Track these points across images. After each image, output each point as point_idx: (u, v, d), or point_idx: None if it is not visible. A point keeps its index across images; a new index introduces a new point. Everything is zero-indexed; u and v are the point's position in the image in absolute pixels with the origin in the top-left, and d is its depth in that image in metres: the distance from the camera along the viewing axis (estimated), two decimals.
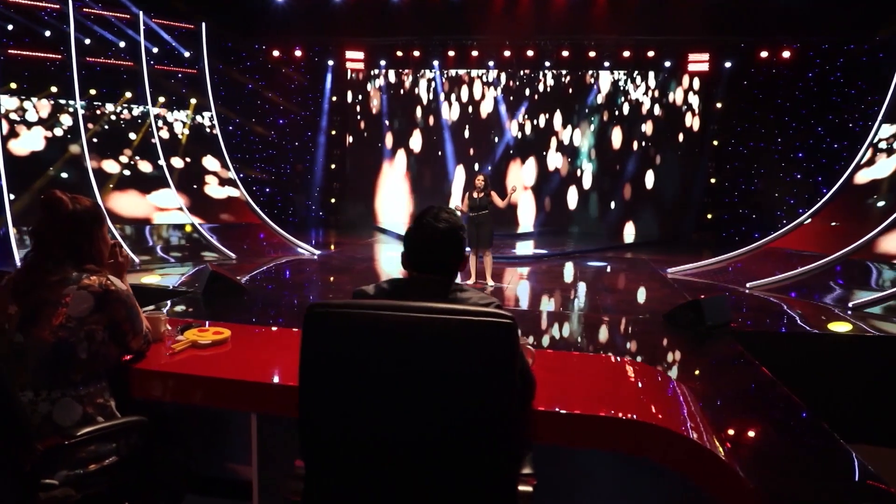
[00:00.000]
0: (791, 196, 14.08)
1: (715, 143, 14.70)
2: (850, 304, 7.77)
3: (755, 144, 14.20)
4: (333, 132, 16.03)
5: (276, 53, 15.17)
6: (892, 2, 11.16)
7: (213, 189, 12.85)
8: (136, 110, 12.53)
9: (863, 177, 11.32)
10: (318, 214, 16.18)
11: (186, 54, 13.61)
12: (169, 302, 6.90)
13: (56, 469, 1.89)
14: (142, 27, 12.61)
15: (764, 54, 13.45)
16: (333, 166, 16.12)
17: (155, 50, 13.06)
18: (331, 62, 15.40)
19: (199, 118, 13.47)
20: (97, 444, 1.97)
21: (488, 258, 8.65)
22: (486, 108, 15.58)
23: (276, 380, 2.18)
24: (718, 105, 14.51)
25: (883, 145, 11.42)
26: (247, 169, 14.91)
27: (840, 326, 6.62)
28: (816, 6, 12.12)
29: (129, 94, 12.70)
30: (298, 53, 15.17)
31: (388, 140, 16.00)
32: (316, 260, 10.88)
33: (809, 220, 11.29)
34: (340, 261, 10.88)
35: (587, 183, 15.47)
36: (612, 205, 15.37)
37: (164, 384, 2.23)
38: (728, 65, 13.88)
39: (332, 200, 16.14)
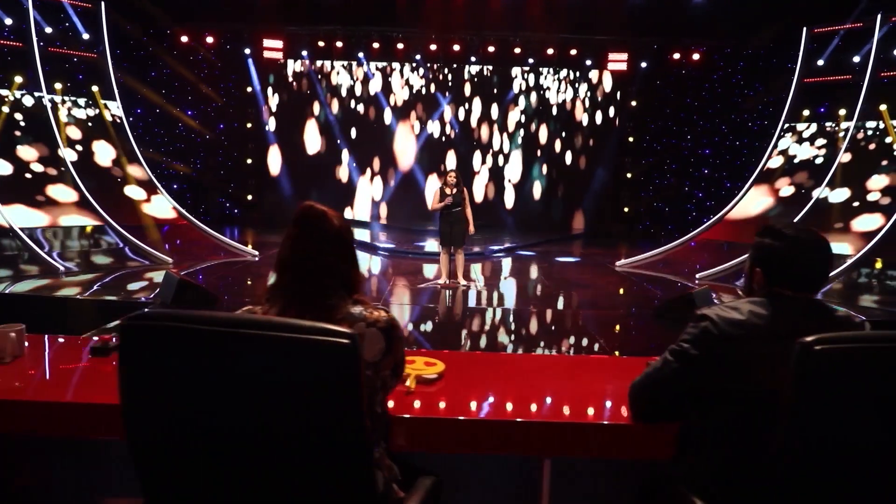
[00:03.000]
0: (699, 190, 15.13)
1: (630, 139, 15.46)
2: None
3: (667, 141, 15.09)
4: (249, 125, 15.09)
5: (184, 39, 14.01)
6: (779, 10, 12.20)
7: (125, 187, 11.65)
8: (28, 98, 11.06)
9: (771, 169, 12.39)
10: (234, 212, 15.19)
11: (85, 36, 12.23)
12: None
13: None
14: (30, 3, 11.14)
15: (676, 56, 14.30)
16: (250, 161, 15.18)
17: (48, 30, 11.60)
18: (247, 50, 14.45)
19: (100, 107, 12.14)
20: None
21: (460, 257, 8.52)
22: (411, 102, 15.34)
23: (566, 413, 1.95)
24: (633, 103, 15.27)
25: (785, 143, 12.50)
26: (151, 164, 13.66)
27: None
28: (722, 13, 13.04)
29: (19, 79, 11.19)
30: (210, 40, 14.11)
31: (308, 133, 15.30)
32: (259, 262, 10.20)
33: (729, 212, 12.16)
34: None
35: (510, 178, 15.69)
36: (535, 200, 15.71)
37: (423, 432, 1.91)
38: (643, 65, 14.62)
39: (249, 197, 15.21)
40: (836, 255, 9.80)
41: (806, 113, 12.57)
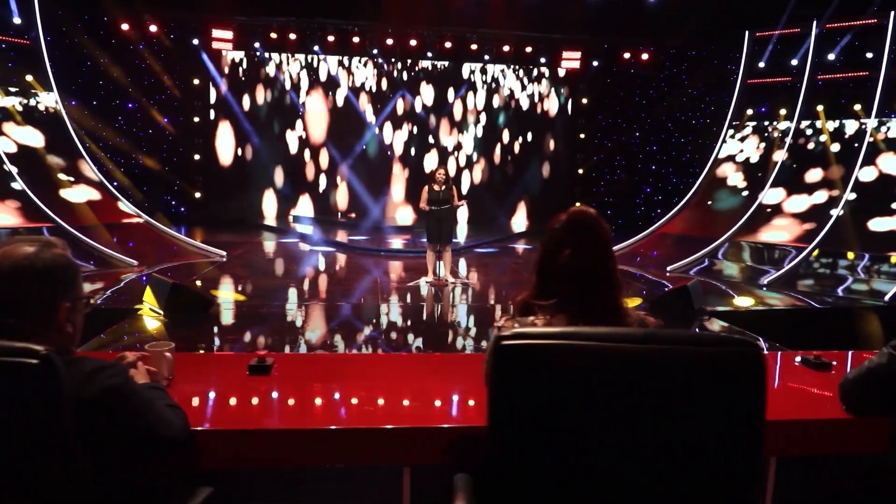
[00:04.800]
0: (647, 185, 15.71)
1: (582, 136, 15.84)
2: (764, 281, 8.99)
3: (617, 138, 15.56)
4: (196, 119, 14.39)
5: (125, 27, 13.19)
6: (722, 14, 12.82)
7: (69, 183, 10.88)
8: None
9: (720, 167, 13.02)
10: (180, 211, 14.46)
11: (17, 21, 11.31)
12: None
13: None
14: None
15: (626, 55, 14.76)
16: (197, 157, 14.49)
17: None
18: (195, 41, 13.76)
19: (35, 99, 11.28)
20: None
21: (448, 254, 8.48)
22: (365, 96, 15.08)
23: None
24: (585, 101, 15.65)
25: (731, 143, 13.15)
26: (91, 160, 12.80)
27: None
28: (669, 15, 13.55)
29: None
30: (154, 29, 13.34)
31: (259, 128, 14.77)
32: (227, 262, 9.77)
33: (684, 207, 12.69)
34: (262, 262, 9.92)
35: (464, 175, 15.74)
36: (490, 196, 15.83)
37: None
38: (595, 63, 15.00)
39: (197, 195, 14.52)
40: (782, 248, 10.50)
41: (749, 112, 13.28)
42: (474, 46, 14.36)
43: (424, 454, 1.72)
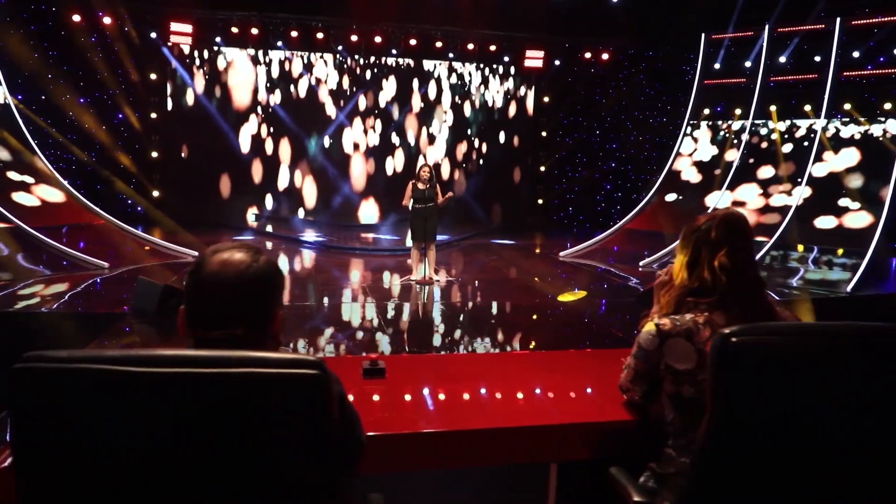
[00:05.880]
0: (607, 182, 16.09)
1: (543, 133, 16.08)
2: None
3: (578, 136, 15.88)
4: (154, 115, 13.87)
5: (75, 18, 12.60)
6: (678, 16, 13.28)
7: (23, 183, 10.34)
8: None
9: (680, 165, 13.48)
10: (137, 210, 13.91)
11: None
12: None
13: None
14: None
15: (587, 55, 15.06)
16: (155, 154, 13.97)
17: None
18: (153, 35, 13.26)
19: None
20: None
21: (432, 252, 8.48)
22: (328, 92, 14.86)
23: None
24: (547, 99, 15.89)
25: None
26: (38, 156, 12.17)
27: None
28: (629, 16, 13.92)
29: None
30: (108, 21, 12.79)
31: (220, 125, 14.35)
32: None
33: (649, 204, 13.07)
34: None
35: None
36: (453, 193, 15.83)
37: None
38: (557, 63, 15.25)
39: (156, 194, 14.00)
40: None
41: (706, 112, 13.78)
42: (439, 44, 14.37)
43: (573, 450, 1.76)
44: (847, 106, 12.05)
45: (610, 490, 1.69)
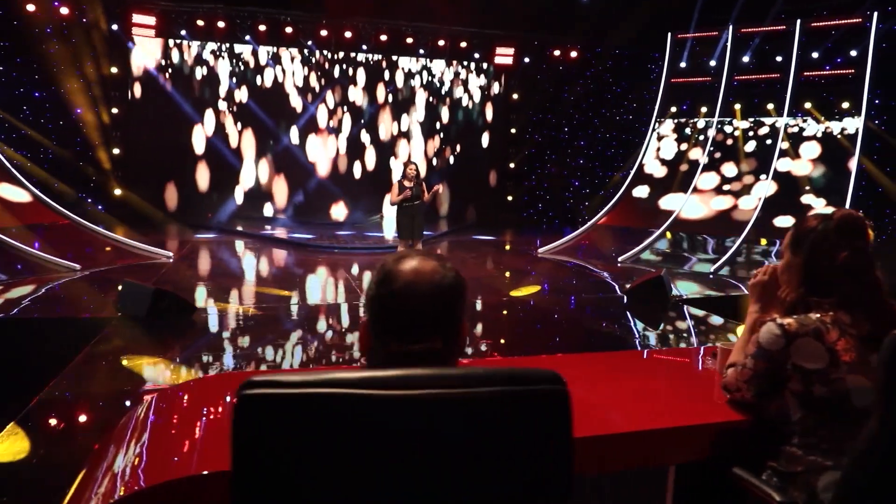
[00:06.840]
0: (576, 178, 16.29)
1: (513, 130, 16.17)
2: (710, 269, 9.64)
3: (547, 133, 16.01)
4: (115, 110, 13.35)
5: (30, 8, 12.01)
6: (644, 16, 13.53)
7: None
8: None
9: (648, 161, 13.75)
10: (98, 208, 13.36)
11: None
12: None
13: None
14: None
15: (556, 53, 15.20)
16: (117, 151, 13.45)
17: None
18: (114, 26, 12.75)
19: None
20: None
21: (419, 249, 8.42)
22: (294, 90, 14.58)
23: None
24: (516, 96, 15.98)
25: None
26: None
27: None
28: (598, 14, 14.11)
29: None
30: (64, 11, 12.24)
31: (184, 120, 13.93)
32: (176, 263, 9.19)
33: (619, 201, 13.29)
34: (215, 262, 9.41)
35: (397, 169, 15.59)
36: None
37: None
38: (527, 60, 15.34)
39: (117, 192, 13.49)
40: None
41: (673, 109, 14.08)
42: (410, 40, 14.27)
43: (691, 451, 1.76)
44: (808, 105, 12.51)
45: (732, 490, 1.70)
